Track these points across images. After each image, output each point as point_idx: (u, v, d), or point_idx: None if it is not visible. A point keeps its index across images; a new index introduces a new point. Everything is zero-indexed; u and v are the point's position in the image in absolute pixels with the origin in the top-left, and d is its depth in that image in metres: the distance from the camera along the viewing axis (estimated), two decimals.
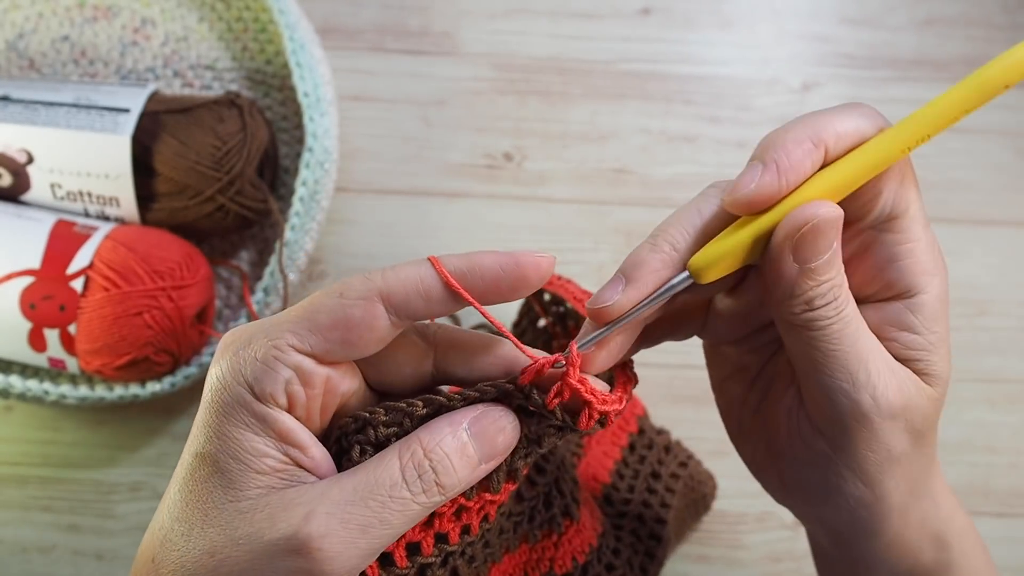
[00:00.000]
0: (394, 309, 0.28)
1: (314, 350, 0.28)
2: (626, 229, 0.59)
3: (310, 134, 0.54)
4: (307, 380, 0.28)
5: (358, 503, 0.27)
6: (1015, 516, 0.56)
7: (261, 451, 0.28)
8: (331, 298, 0.28)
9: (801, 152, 0.29)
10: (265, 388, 0.27)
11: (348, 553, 0.27)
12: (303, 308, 0.28)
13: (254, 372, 0.28)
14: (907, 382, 0.31)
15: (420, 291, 0.28)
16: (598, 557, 0.44)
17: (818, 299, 0.29)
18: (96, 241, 0.50)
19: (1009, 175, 0.62)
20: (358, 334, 0.28)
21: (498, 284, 0.29)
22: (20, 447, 0.55)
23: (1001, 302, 0.59)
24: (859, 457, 0.31)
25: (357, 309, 0.28)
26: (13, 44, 0.60)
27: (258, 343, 0.28)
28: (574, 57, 0.62)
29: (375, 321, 0.28)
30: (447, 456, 0.28)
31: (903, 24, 0.64)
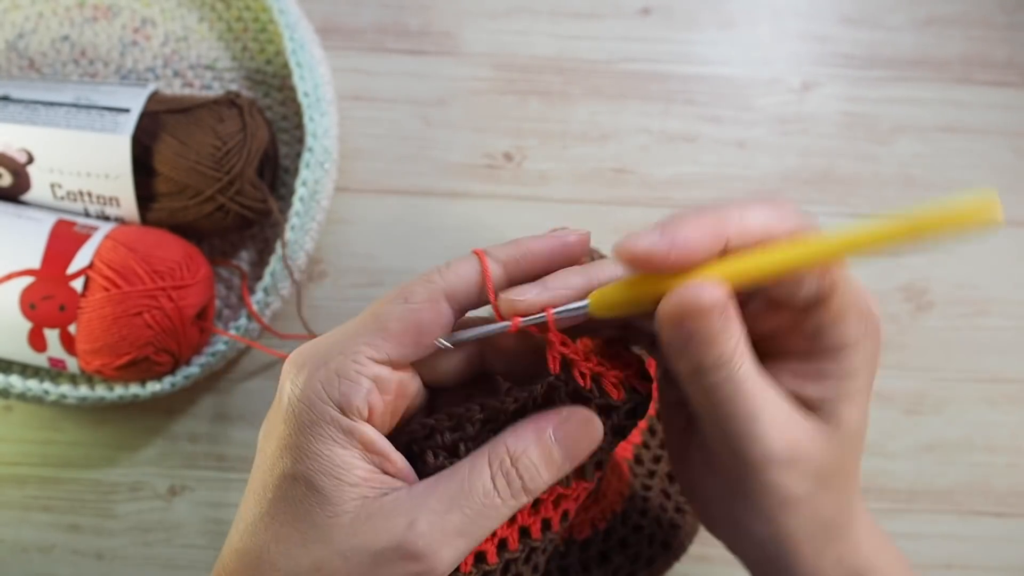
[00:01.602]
0: (458, 305, 0.30)
1: (390, 357, 0.29)
2: (626, 229, 0.59)
3: (310, 134, 0.54)
4: (384, 388, 0.29)
5: (455, 510, 0.29)
6: (1015, 516, 0.56)
7: (351, 464, 0.29)
8: (397, 305, 0.29)
9: (698, 232, 0.28)
10: (352, 402, 0.28)
11: (450, 556, 0.29)
12: (372, 318, 0.30)
13: (340, 388, 0.29)
14: (801, 434, 0.31)
15: (479, 283, 0.30)
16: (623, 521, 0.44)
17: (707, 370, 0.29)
18: (96, 241, 0.50)
19: (1009, 175, 0.62)
20: (429, 335, 0.30)
21: (550, 265, 0.31)
22: (20, 447, 0.55)
23: (1001, 302, 0.59)
24: (756, 500, 0.32)
25: (425, 312, 0.29)
26: (13, 44, 0.60)
27: (336, 359, 0.29)
28: (574, 57, 0.62)
29: (442, 319, 0.30)
30: (533, 464, 0.30)
31: (903, 24, 0.64)
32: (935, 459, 0.57)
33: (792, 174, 0.61)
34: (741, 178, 0.60)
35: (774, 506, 0.32)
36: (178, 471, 0.55)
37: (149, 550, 0.54)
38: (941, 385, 0.58)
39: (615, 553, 0.45)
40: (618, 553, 0.45)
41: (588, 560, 0.44)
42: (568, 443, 0.30)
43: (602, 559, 0.45)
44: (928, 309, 0.59)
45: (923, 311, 0.59)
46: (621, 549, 0.45)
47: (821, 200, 0.60)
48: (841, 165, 0.61)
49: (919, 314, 0.59)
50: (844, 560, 0.34)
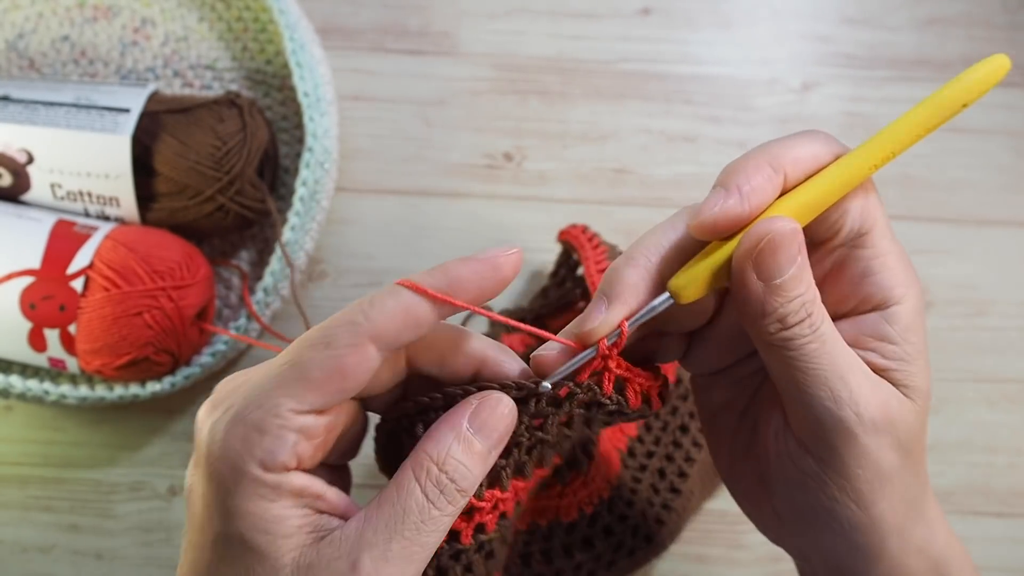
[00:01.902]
0: (385, 345, 0.28)
1: (313, 407, 0.28)
2: (626, 229, 0.59)
3: (310, 134, 0.54)
4: (311, 434, 0.28)
5: (395, 537, 0.28)
6: (1015, 516, 0.56)
7: (282, 516, 0.28)
8: (319, 351, 0.27)
9: (761, 176, 0.29)
10: (277, 458, 0.27)
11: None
12: (292, 366, 0.28)
13: (261, 446, 0.27)
14: (889, 395, 0.31)
15: (409, 322, 0.28)
16: (608, 508, 0.44)
17: (790, 316, 0.29)
18: (96, 241, 0.50)
19: (1009, 175, 0.62)
20: (354, 379, 0.28)
21: (481, 292, 0.29)
22: (20, 447, 0.55)
23: (1001, 302, 0.59)
24: (850, 476, 0.31)
25: (350, 358, 0.27)
26: (13, 44, 0.60)
27: (254, 413, 0.27)
28: (574, 57, 0.62)
29: (368, 363, 0.28)
30: (460, 462, 0.29)
31: (903, 24, 0.64)
32: (935, 459, 0.57)
33: None
34: None
35: (868, 480, 0.31)
36: (178, 471, 0.55)
37: (149, 550, 0.54)
38: (941, 385, 0.58)
39: (599, 540, 0.45)
40: (602, 540, 0.45)
41: (571, 544, 0.45)
42: (486, 429, 0.29)
43: (585, 544, 0.45)
44: (928, 309, 0.59)
45: None
46: (605, 536, 0.45)
47: None
48: None
49: None
50: (926, 548, 0.33)
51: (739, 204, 0.29)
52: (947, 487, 0.57)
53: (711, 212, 0.29)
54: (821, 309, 0.30)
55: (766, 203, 0.29)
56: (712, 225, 0.29)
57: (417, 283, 0.28)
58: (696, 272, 0.30)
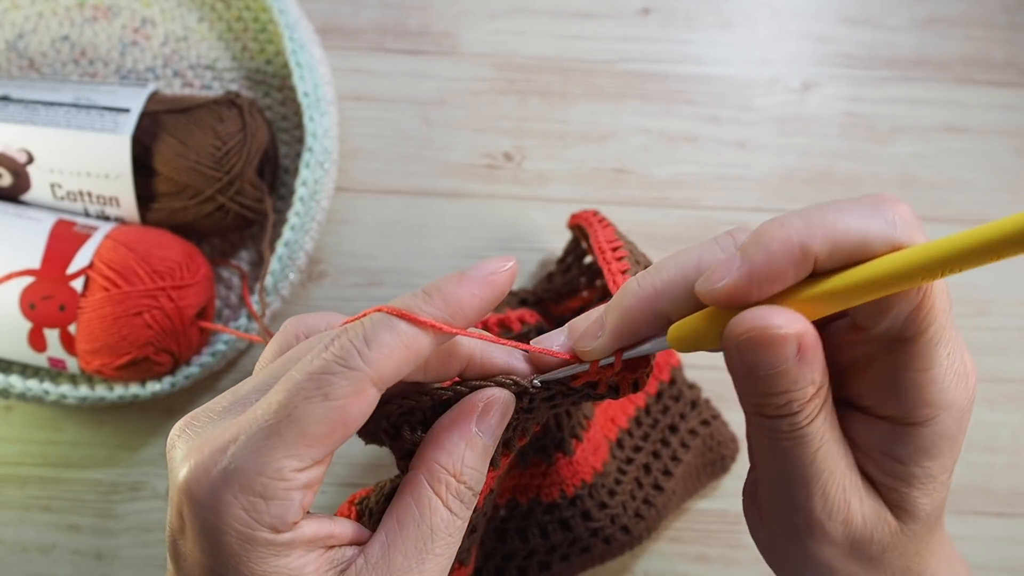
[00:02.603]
0: (386, 385, 0.26)
1: (315, 460, 0.26)
2: (626, 229, 0.59)
3: (310, 134, 0.54)
4: (313, 486, 0.27)
5: (428, 558, 0.27)
6: (1015, 516, 0.56)
7: (300, 566, 0.26)
8: (317, 404, 0.25)
9: (784, 260, 0.25)
10: (287, 521, 0.26)
11: None
12: (291, 421, 0.25)
13: (270, 512, 0.26)
14: (865, 515, 0.28)
15: (410, 359, 0.27)
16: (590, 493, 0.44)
17: (770, 408, 0.26)
18: (96, 241, 0.50)
19: (1009, 175, 0.62)
20: (356, 424, 0.26)
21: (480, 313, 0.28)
22: (20, 447, 0.55)
23: (1001, 302, 0.59)
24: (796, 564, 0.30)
25: (351, 407, 0.26)
26: (13, 44, 0.60)
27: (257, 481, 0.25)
28: (574, 57, 0.62)
29: (369, 406, 0.26)
30: (474, 469, 0.29)
31: (903, 24, 0.64)
32: None
33: (792, 174, 0.61)
34: (741, 178, 0.60)
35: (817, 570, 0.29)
36: None
37: (149, 550, 0.54)
38: None
39: (576, 522, 0.45)
40: (579, 523, 0.45)
41: (548, 524, 0.45)
42: (491, 429, 0.29)
43: (562, 525, 0.45)
44: None
45: None
46: (582, 519, 0.45)
47: (821, 200, 0.60)
48: (841, 165, 0.61)
49: None
50: None
51: (747, 287, 0.25)
52: None
53: (717, 284, 0.25)
54: (816, 407, 0.27)
55: (780, 288, 0.25)
56: (713, 299, 0.26)
57: (416, 315, 0.26)
58: (694, 328, 0.27)
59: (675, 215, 0.60)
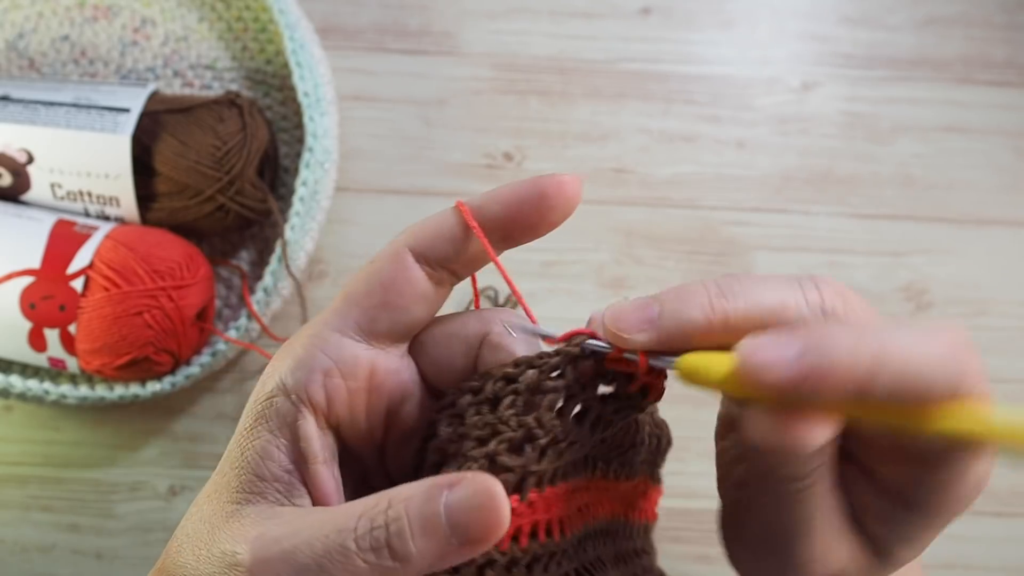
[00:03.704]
0: (424, 258, 0.27)
1: (359, 324, 0.27)
2: (626, 229, 0.59)
3: (310, 134, 0.54)
4: (348, 371, 0.26)
5: (304, 541, 0.24)
6: (1015, 516, 0.56)
7: (270, 453, 0.26)
8: (362, 270, 0.27)
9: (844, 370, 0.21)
10: (298, 381, 0.26)
11: None
12: (342, 292, 0.28)
13: (291, 365, 0.26)
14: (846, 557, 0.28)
15: (444, 233, 0.27)
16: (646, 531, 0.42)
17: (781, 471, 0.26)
18: (96, 241, 0.50)
19: (1009, 175, 0.62)
20: (397, 291, 0.27)
21: (521, 207, 0.27)
22: (20, 447, 0.55)
23: (1001, 302, 0.59)
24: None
25: (388, 267, 0.27)
26: (13, 44, 0.60)
27: (303, 335, 0.27)
28: (574, 57, 0.62)
29: (408, 273, 0.27)
30: (408, 520, 0.23)
31: (902, 24, 0.64)
32: None
33: (792, 174, 0.61)
34: (741, 178, 0.60)
35: None
36: (178, 471, 0.55)
37: (149, 550, 0.54)
38: None
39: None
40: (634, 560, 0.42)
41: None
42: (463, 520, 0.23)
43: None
44: (928, 309, 0.59)
45: (923, 311, 0.59)
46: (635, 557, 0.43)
47: (821, 200, 0.60)
48: (841, 165, 0.61)
49: (919, 314, 0.59)
50: None
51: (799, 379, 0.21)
52: None
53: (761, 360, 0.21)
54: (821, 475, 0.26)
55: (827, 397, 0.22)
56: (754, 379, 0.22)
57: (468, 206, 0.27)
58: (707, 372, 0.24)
59: (675, 215, 0.60)
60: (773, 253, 0.59)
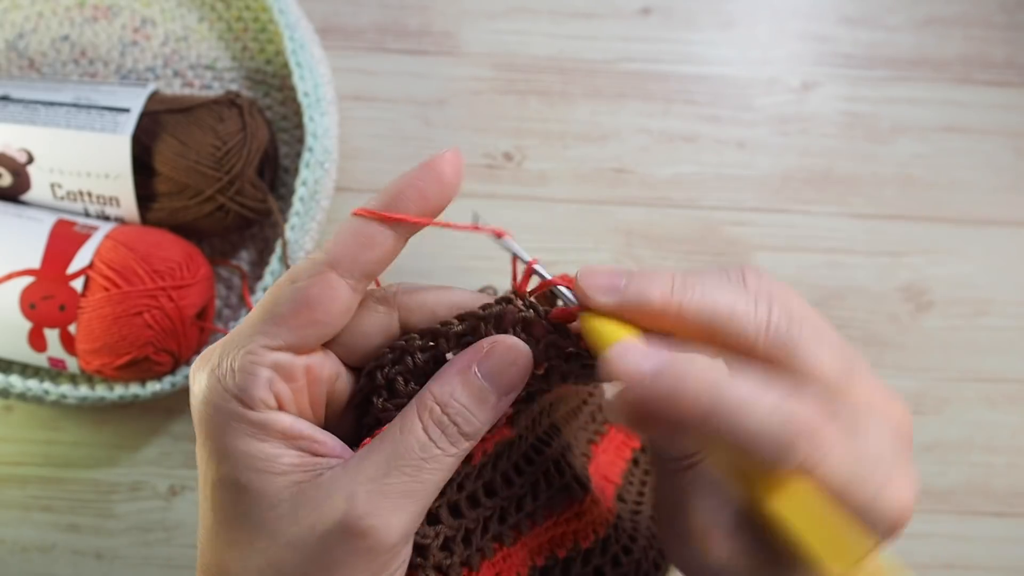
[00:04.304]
0: (348, 273, 0.28)
1: (287, 342, 0.28)
2: (626, 229, 0.59)
3: (310, 134, 0.54)
4: (288, 375, 0.28)
5: (394, 473, 0.27)
6: (1015, 516, 0.56)
7: (273, 454, 0.27)
8: (285, 288, 0.28)
9: None
10: (253, 394, 0.27)
11: (399, 520, 0.27)
12: (262, 307, 0.28)
13: (236, 383, 0.27)
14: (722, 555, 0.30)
15: (363, 242, 0.29)
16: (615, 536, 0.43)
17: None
18: (96, 241, 0.50)
19: (1009, 175, 0.62)
20: (323, 310, 0.28)
21: (427, 201, 0.30)
22: (20, 447, 0.55)
23: (1001, 302, 0.59)
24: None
25: (313, 287, 0.28)
26: (13, 44, 0.60)
27: (230, 355, 0.28)
28: (574, 57, 0.62)
29: (334, 292, 0.28)
30: (464, 407, 0.28)
31: (902, 24, 0.64)
32: (935, 459, 0.57)
33: (792, 174, 0.61)
34: (741, 178, 0.60)
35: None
36: (178, 471, 0.55)
37: (149, 550, 0.54)
38: (941, 385, 0.58)
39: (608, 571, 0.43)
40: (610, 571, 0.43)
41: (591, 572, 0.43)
42: (496, 377, 0.29)
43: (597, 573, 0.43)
44: (928, 309, 0.59)
45: (923, 311, 0.59)
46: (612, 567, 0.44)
47: (821, 200, 0.60)
48: (841, 165, 0.61)
49: (919, 314, 0.59)
50: None
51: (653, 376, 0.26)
52: (947, 487, 0.57)
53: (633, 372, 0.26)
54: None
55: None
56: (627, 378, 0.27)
57: (364, 207, 0.29)
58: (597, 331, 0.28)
59: (675, 215, 0.60)
60: (773, 253, 0.59)
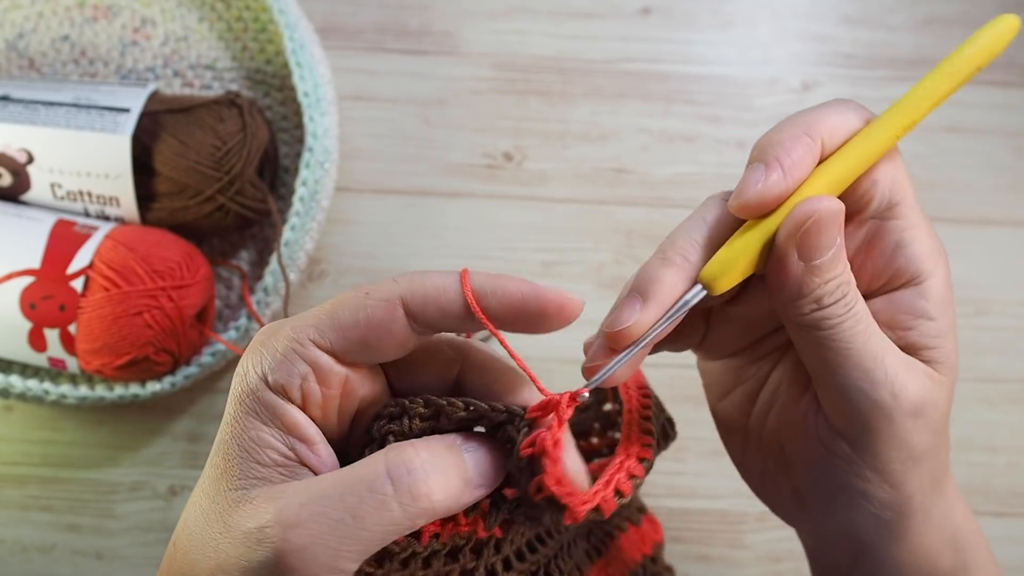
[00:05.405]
0: (412, 315, 0.28)
1: (333, 347, 0.28)
2: (626, 229, 0.59)
3: (310, 134, 0.54)
4: (324, 378, 0.28)
5: (334, 497, 0.26)
6: (1015, 516, 0.56)
7: (266, 441, 0.27)
8: (356, 297, 0.28)
9: (801, 148, 0.29)
10: (279, 379, 0.27)
11: (315, 550, 0.25)
12: (330, 304, 0.28)
13: (271, 362, 0.28)
14: (923, 376, 0.30)
15: (438, 302, 0.28)
16: None
17: (827, 297, 0.29)
18: (96, 241, 0.50)
19: (1009, 175, 0.62)
20: (377, 336, 0.28)
21: (516, 313, 0.28)
22: (20, 447, 0.55)
23: (1001, 302, 0.59)
24: (883, 458, 0.30)
25: (378, 310, 0.28)
26: (13, 44, 0.60)
27: (282, 335, 0.28)
28: (574, 57, 0.62)
29: (393, 325, 0.28)
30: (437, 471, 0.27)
31: (902, 24, 0.64)
32: None
33: None
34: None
35: (903, 461, 0.30)
36: (178, 471, 0.55)
37: (149, 550, 0.54)
38: None
39: None
40: None
41: None
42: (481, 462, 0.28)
43: None
44: None
45: None
46: None
47: None
48: None
49: None
50: (945, 523, 0.33)
51: (781, 180, 0.28)
52: None
53: (755, 190, 0.28)
54: (855, 288, 0.30)
55: (806, 176, 0.29)
56: (758, 203, 0.28)
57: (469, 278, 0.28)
58: (730, 258, 0.29)
59: (675, 215, 0.60)
60: None
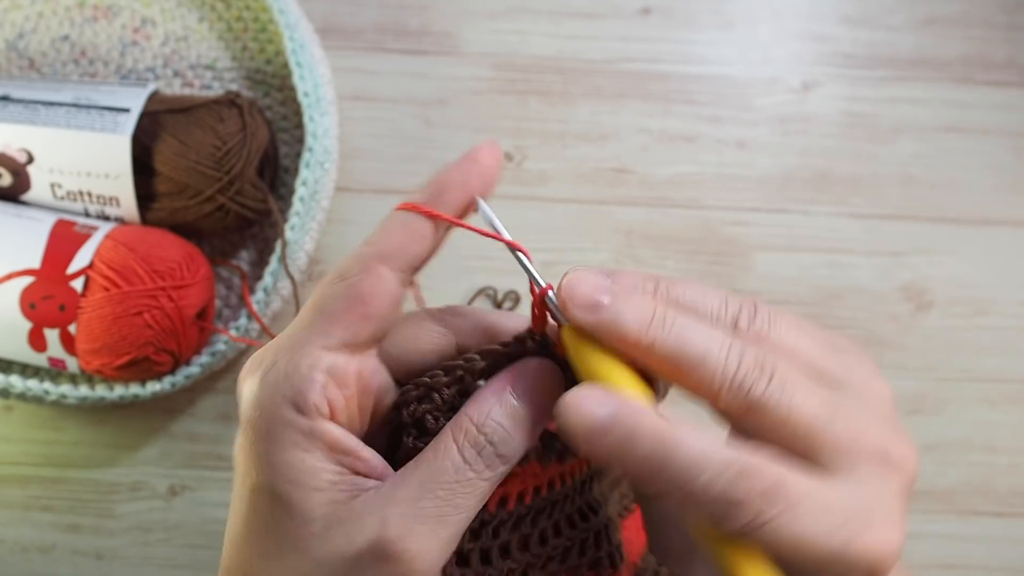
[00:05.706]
0: (397, 266, 0.29)
1: (342, 340, 0.28)
2: (626, 229, 0.59)
3: (310, 134, 0.54)
4: (341, 380, 0.28)
5: (427, 496, 0.27)
6: (1015, 516, 0.56)
7: (315, 468, 0.27)
8: (334, 285, 0.28)
9: None
10: (308, 399, 0.27)
11: (431, 545, 0.26)
12: (314, 307, 0.28)
13: (291, 387, 0.27)
14: None
15: (412, 235, 0.29)
16: None
17: None
18: (96, 241, 0.50)
19: (1009, 175, 0.62)
20: (375, 304, 0.28)
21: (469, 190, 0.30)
22: (20, 447, 0.55)
23: (1001, 302, 0.59)
24: None
25: (365, 282, 0.28)
26: (13, 44, 0.60)
27: (284, 358, 0.27)
28: (574, 57, 0.62)
29: (385, 285, 0.28)
30: (501, 426, 0.28)
31: (903, 24, 0.64)
32: (935, 459, 0.57)
33: (792, 174, 0.61)
34: (741, 178, 0.60)
35: None
36: (178, 471, 0.55)
37: (149, 550, 0.54)
38: (941, 385, 0.58)
39: None
40: None
41: None
42: (531, 396, 0.28)
43: None
44: (928, 309, 0.59)
45: (923, 311, 0.59)
46: None
47: (821, 200, 0.60)
48: (841, 165, 0.61)
49: (919, 314, 0.59)
50: None
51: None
52: (947, 487, 0.57)
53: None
54: None
55: None
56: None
57: (411, 202, 0.29)
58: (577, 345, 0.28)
59: (675, 215, 0.60)
60: (773, 253, 0.59)
